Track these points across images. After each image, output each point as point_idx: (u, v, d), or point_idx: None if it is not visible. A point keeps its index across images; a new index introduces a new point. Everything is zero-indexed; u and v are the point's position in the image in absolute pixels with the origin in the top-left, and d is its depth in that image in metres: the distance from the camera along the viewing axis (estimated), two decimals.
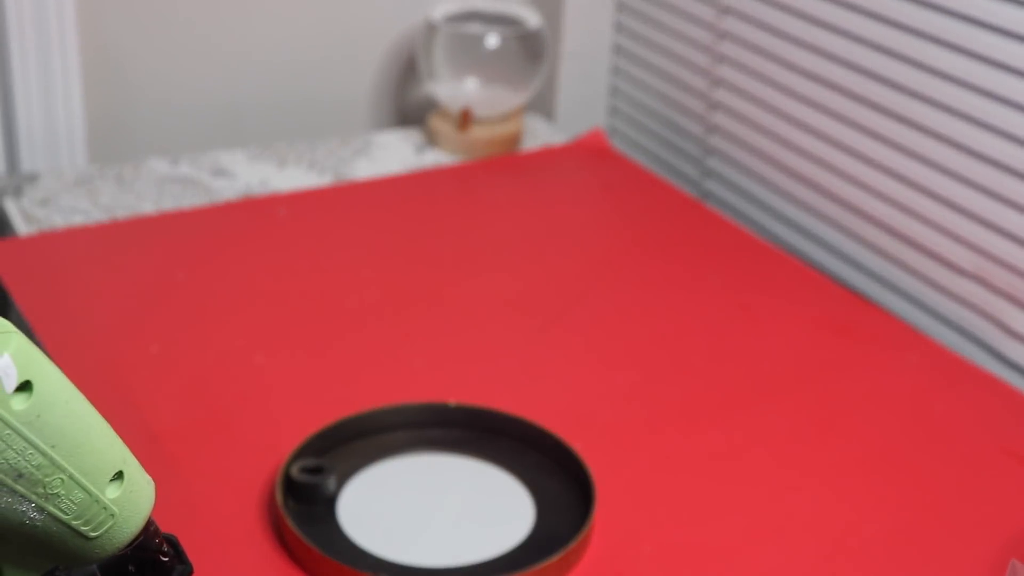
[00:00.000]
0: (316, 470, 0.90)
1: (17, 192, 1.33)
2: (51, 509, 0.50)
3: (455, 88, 1.51)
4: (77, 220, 1.29)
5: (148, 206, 1.33)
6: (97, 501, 0.52)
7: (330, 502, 0.90)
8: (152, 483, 0.55)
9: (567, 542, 0.86)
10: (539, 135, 1.56)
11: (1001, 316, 1.14)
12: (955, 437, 1.02)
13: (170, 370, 1.05)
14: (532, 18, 1.52)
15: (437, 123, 1.52)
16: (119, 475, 0.53)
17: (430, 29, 1.50)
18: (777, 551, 0.89)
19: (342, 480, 0.93)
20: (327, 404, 1.00)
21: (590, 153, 1.50)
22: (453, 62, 1.50)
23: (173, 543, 0.57)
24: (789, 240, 1.39)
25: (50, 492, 0.50)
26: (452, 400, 1.00)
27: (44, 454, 0.49)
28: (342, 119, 1.62)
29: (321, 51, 1.58)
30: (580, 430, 0.99)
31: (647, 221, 1.36)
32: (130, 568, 0.56)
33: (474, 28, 1.50)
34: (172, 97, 1.52)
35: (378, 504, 0.92)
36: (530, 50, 1.50)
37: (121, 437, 0.92)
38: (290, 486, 0.90)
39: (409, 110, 1.66)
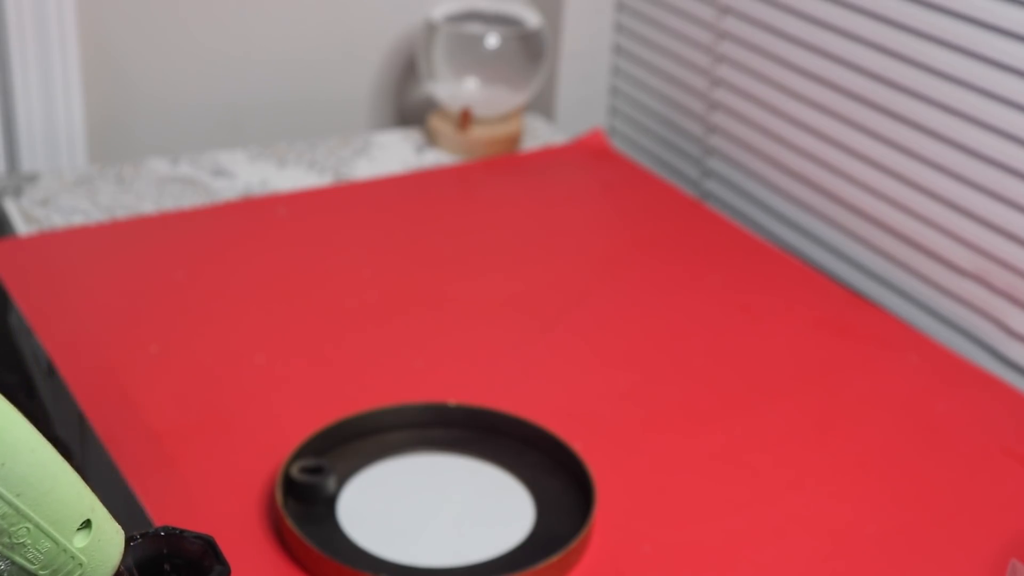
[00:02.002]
0: (316, 470, 0.90)
1: (17, 192, 1.33)
2: (17, 559, 0.50)
3: (455, 88, 1.51)
4: (77, 220, 1.29)
5: (148, 206, 1.33)
6: (65, 550, 0.51)
7: (330, 502, 0.90)
8: (121, 532, 0.55)
9: (567, 542, 0.86)
10: (539, 135, 1.56)
11: (1001, 316, 1.14)
12: (955, 437, 1.02)
13: (170, 370, 1.05)
14: (532, 18, 1.52)
15: (437, 123, 1.52)
16: (87, 524, 0.52)
17: (430, 29, 1.50)
18: (777, 551, 0.89)
19: (342, 480, 0.93)
20: (327, 404, 1.00)
21: (590, 153, 1.50)
22: (453, 62, 1.50)
23: (211, 543, 0.57)
24: (789, 240, 1.38)
25: (16, 541, 0.49)
26: (452, 400, 1.00)
27: (9, 503, 0.49)
28: (342, 119, 1.62)
29: (321, 51, 1.58)
30: (580, 430, 0.99)
31: (647, 221, 1.36)
32: (165, 567, 0.56)
33: (474, 28, 1.50)
34: (172, 97, 1.52)
35: (378, 504, 0.92)
36: (530, 50, 1.50)
37: (122, 436, 0.92)
38: (290, 486, 0.90)
39: (409, 110, 1.66)
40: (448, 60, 1.50)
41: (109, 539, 0.53)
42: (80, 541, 0.52)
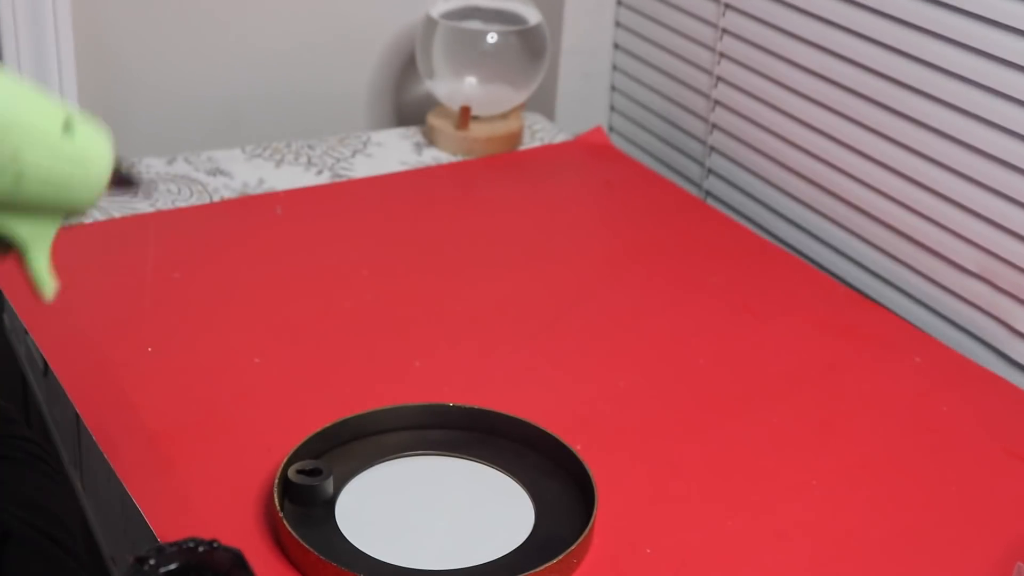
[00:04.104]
0: (314, 472, 0.90)
1: None
2: (26, 187, 0.56)
3: (454, 86, 1.50)
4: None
5: (143, 205, 1.32)
6: (58, 157, 0.56)
7: (328, 504, 0.90)
8: (105, 131, 0.61)
9: (567, 545, 0.85)
10: (539, 133, 1.55)
11: (1006, 316, 1.13)
12: (960, 438, 1.02)
13: (166, 370, 1.04)
14: (532, 15, 1.51)
15: (436, 121, 1.51)
16: (69, 125, 0.57)
17: (429, 26, 1.49)
18: (780, 553, 0.89)
19: (340, 482, 0.92)
20: (325, 405, 0.99)
21: (591, 151, 1.50)
22: (452, 59, 1.49)
23: (239, 557, 0.59)
24: (792, 239, 1.38)
25: (18, 168, 0.55)
26: (451, 401, 0.99)
27: None
28: (340, 117, 1.61)
29: (319, 48, 1.57)
30: (580, 431, 0.98)
31: (648, 220, 1.35)
32: None
33: (474, 25, 1.49)
34: (169, 95, 1.51)
35: (376, 507, 0.91)
36: (530, 47, 1.49)
37: (118, 437, 0.92)
38: (288, 488, 0.89)
39: (408, 108, 1.65)
40: (447, 57, 1.49)
41: (94, 137, 0.59)
42: (68, 144, 0.58)
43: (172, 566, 0.58)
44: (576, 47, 1.61)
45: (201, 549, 0.59)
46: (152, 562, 0.58)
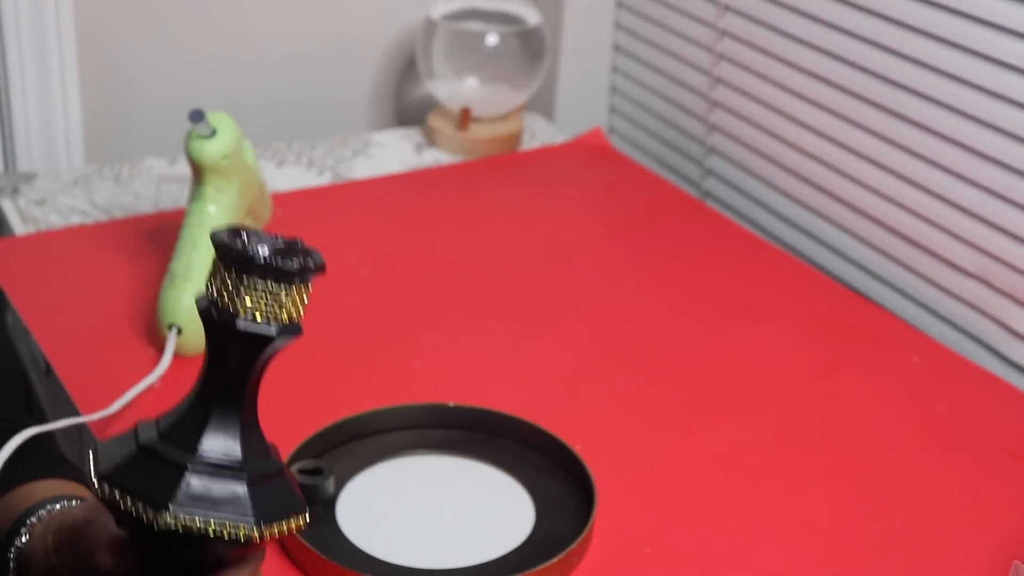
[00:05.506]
0: (315, 471, 0.90)
1: (14, 192, 1.33)
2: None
3: (455, 87, 1.50)
4: (75, 220, 1.29)
5: (146, 206, 1.32)
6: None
7: (329, 503, 0.90)
8: None
9: (567, 544, 0.85)
10: (539, 134, 1.55)
11: (1003, 316, 1.14)
12: (957, 438, 1.02)
13: (167, 370, 1.04)
14: (532, 16, 1.51)
15: (436, 122, 1.51)
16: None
17: (430, 27, 1.49)
18: (779, 552, 0.89)
19: (341, 481, 0.92)
20: (326, 404, 1.00)
21: (590, 152, 1.50)
22: (453, 60, 1.50)
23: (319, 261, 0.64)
24: (790, 240, 1.38)
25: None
26: (452, 401, 0.99)
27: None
28: (341, 118, 1.61)
29: (320, 50, 1.57)
30: (580, 431, 0.98)
31: (647, 220, 1.36)
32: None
33: (474, 26, 1.50)
34: (170, 96, 1.51)
35: (377, 506, 0.91)
36: (530, 48, 1.50)
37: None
38: None
39: (408, 109, 1.66)
40: (448, 58, 1.50)
41: None
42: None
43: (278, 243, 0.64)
44: (576, 49, 1.61)
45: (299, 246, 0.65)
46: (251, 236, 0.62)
